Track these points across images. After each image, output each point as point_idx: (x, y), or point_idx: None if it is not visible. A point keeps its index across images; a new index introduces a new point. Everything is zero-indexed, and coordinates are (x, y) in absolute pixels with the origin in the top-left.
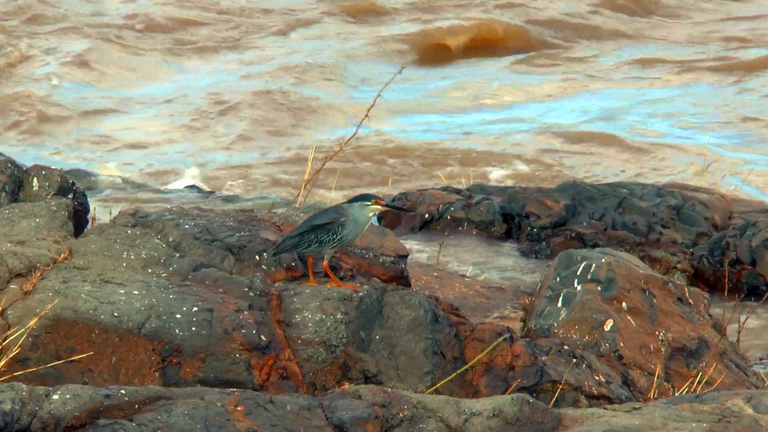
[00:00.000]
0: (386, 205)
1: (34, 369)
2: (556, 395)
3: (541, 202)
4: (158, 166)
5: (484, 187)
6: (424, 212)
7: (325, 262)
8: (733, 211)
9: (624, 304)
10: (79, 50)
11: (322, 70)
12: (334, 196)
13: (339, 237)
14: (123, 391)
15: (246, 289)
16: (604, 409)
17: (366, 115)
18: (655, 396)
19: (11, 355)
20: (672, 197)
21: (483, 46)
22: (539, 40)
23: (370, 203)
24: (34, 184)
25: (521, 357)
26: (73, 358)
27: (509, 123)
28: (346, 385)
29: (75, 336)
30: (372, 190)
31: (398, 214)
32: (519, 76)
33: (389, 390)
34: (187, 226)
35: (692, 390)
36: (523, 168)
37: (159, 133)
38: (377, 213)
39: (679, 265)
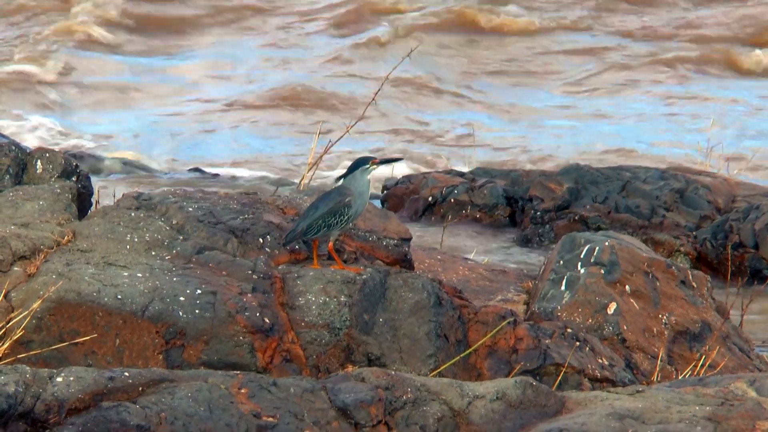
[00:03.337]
0: (380, 162)
1: (38, 351)
2: (560, 378)
3: (544, 185)
4: None
5: (488, 170)
6: (427, 195)
7: (330, 244)
8: (737, 195)
9: (627, 287)
10: None
11: None
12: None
13: (347, 217)
14: (127, 374)
15: (249, 272)
16: (608, 392)
17: (373, 99)
18: (659, 379)
19: (15, 338)
20: (675, 180)
21: None
22: None
23: (368, 166)
24: (37, 167)
25: (524, 340)
26: (76, 341)
27: None
28: (350, 368)
29: (78, 318)
30: None
31: (401, 198)
32: None
33: (393, 373)
34: (190, 209)
35: (695, 373)
36: None
37: None
38: (372, 171)
39: (682, 249)
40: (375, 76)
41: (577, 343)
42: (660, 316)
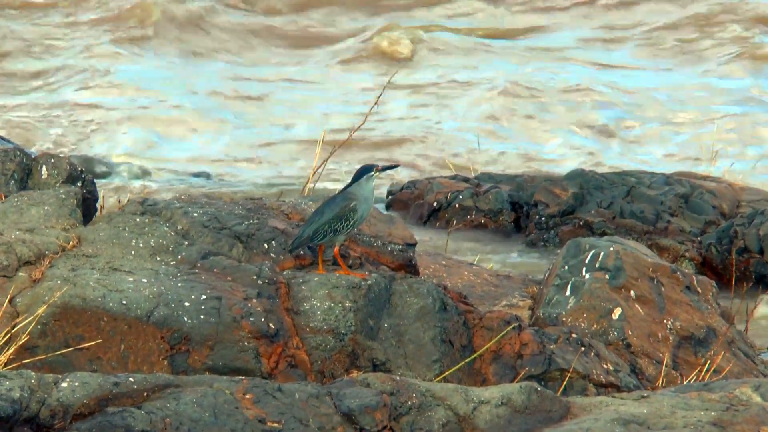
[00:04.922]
0: (381, 169)
1: (43, 357)
2: (565, 383)
3: (549, 190)
4: None
5: (493, 175)
6: (432, 201)
7: (336, 249)
8: (741, 200)
9: (632, 292)
10: None
11: None
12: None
13: (353, 222)
14: (132, 379)
15: (254, 277)
16: (613, 397)
17: (375, 103)
18: (663, 384)
19: (20, 343)
20: (680, 186)
21: None
22: None
23: (373, 173)
24: (42, 172)
25: (529, 345)
26: (81, 346)
27: None
28: (355, 373)
29: (83, 324)
30: None
31: (406, 203)
32: None
33: (398, 378)
34: (195, 214)
35: (700, 378)
36: None
37: None
38: (376, 177)
39: (687, 254)
40: None
41: (582, 349)
42: (665, 321)
